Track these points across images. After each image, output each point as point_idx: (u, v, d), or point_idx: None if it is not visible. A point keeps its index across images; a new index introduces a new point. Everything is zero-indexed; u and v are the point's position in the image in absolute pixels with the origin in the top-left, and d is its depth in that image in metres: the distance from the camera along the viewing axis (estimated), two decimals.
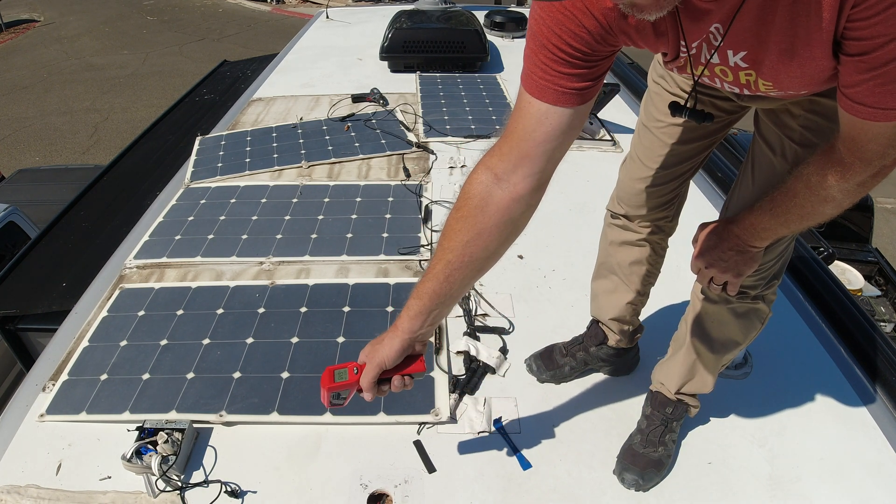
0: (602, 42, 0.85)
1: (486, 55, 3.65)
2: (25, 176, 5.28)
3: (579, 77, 0.86)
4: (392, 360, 1.03)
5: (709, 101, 1.13)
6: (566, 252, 2.04)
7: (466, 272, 0.98)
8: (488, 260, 0.99)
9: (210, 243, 2.04)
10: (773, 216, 0.96)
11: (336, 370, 1.06)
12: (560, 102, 0.87)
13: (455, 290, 1.00)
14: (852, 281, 3.73)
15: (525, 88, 0.90)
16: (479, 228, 0.95)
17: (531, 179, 0.93)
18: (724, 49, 0.83)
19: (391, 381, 1.06)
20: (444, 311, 1.04)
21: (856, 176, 0.82)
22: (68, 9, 14.82)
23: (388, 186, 2.38)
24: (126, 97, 9.46)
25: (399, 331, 1.02)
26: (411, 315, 1.01)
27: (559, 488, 1.30)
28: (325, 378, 1.06)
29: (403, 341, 1.02)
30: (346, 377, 1.05)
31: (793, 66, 0.79)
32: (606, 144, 2.74)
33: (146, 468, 1.27)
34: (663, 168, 1.24)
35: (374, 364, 1.03)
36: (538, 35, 0.85)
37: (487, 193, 0.94)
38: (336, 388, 1.05)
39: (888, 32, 0.65)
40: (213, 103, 3.73)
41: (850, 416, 1.48)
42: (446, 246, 0.97)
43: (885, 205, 6.46)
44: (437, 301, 0.99)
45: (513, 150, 0.92)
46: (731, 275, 1.08)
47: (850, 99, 0.75)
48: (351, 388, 1.06)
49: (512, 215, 0.95)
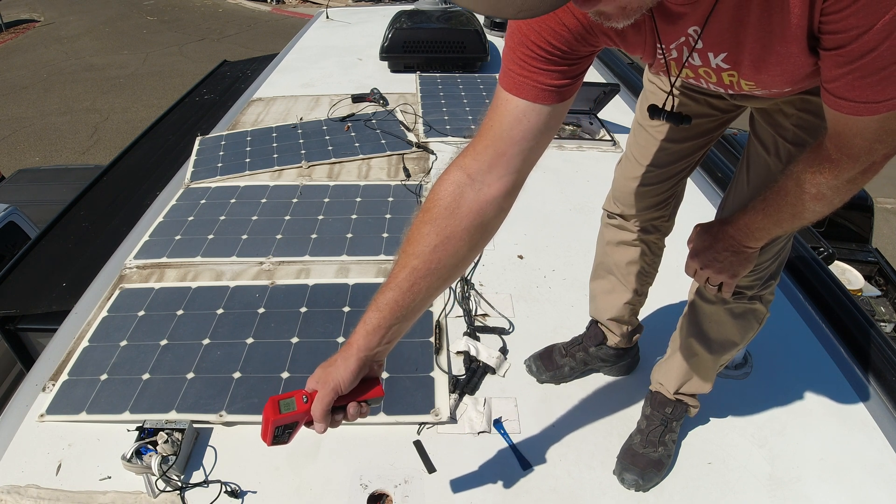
0: (582, 41, 0.84)
1: (486, 55, 3.65)
2: (25, 176, 5.28)
3: (559, 74, 0.85)
4: (348, 384, 0.91)
5: (703, 99, 1.13)
6: (566, 252, 2.04)
7: (432, 280, 0.90)
8: (456, 268, 0.92)
9: (210, 243, 2.04)
10: (766, 215, 0.96)
11: (281, 400, 0.91)
12: (539, 99, 0.85)
13: (418, 302, 0.91)
14: (852, 281, 3.74)
15: (503, 86, 0.88)
16: (448, 232, 0.89)
17: (506, 180, 0.89)
18: (705, 51, 0.83)
19: (346, 409, 0.94)
20: (404, 328, 0.94)
21: (844, 173, 0.82)
22: (68, 9, 14.82)
23: (388, 186, 2.38)
24: (126, 97, 9.46)
25: (354, 349, 0.91)
26: (369, 330, 0.91)
27: (559, 488, 1.30)
28: (268, 409, 0.91)
29: (360, 360, 0.91)
30: (293, 407, 0.90)
31: (771, 65, 0.79)
32: (606, 144, 2.74)
33: (146, 468, 1.27)
34: (658, 167, 1.24)
35: (329, 389, 0.90)
36: (518, 32, 0.85)
37: (459, 194, 0.90)
38: (283, 421, 0.90)
39: (861, 24, 0.64)
40: (213, 103, 3.73)
41: (849, 416, 1.48)
42: (410, 252, 0.90)
43: (885, 205, 6.46)
44: (398, 313, 0.90)
45: (488, 149, 0.89)
46: (726, 275, 1.08)
47: (832, 94, 0.74)
48: (300, 418, 0.92)
49: (483, 219, 0.90)
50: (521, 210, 2.25)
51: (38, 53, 11.72)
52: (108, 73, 10.56)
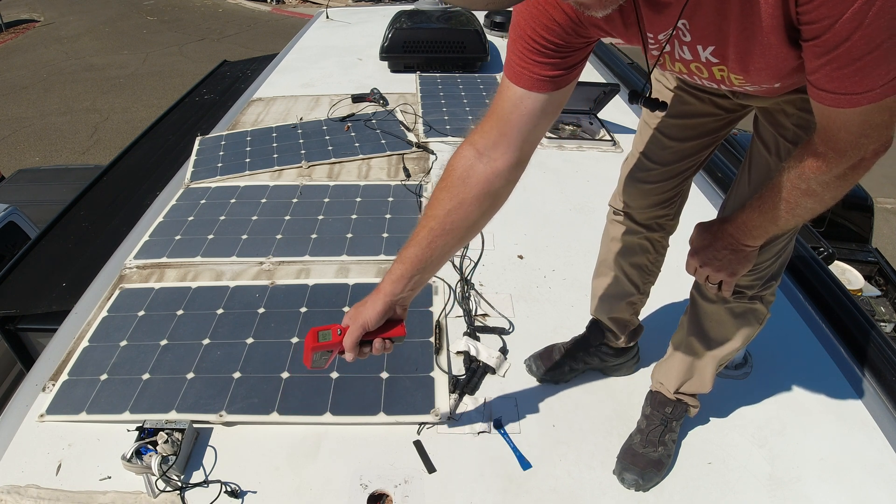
0: (574, 34, 0.89)
1: (486, 55, 3.65)
2: (25, 176, 5.28)
3: (553, 66, 0.91)
4: (375, 321, 1.06)
5: (708, 98, 1.14)
6: (566, 252, 2.04)
7: (448, 239, 1.03)
8: (469, 230, 1.04)
9: (210, 243, 2.04)
10: (762, 213, 0.97)
11: (320, 331, 1.07)
12: (534, 88, 0.93)
13: (436, 257, 1.04)
14: (852, 281, 3.73)
15: (505, 74, 0.97)
16: (461, 198, 1.00)
17: (509, 155, 0.99)
18: (694, 45, 0.85)
19: (372, 343, 1.09)
20: (425, 278, 1.07)
21: (833, 168, 0.83)
22: (68, 9, 14.82)
23: (388, 186, 2.38)
24: (126, 97, 9.46)
25: (381, 293, 1.05)
26: (393, 278, 1.04)
27: (559, 488, 1.30)
28: (308, 338, 1.07)
29: (386, 303, 1.05)
30: (329, 338, 1.07)
31: (755, 57, 0.80)
32: (606, 144, 2.74)
33: (146, 468, 1.27)
34: (664, 165, 1.25)
35: (358, 325, 1.05)
36: (516, 26, 0.92)
37: (470, 167, 1.00)
38: (320, 348, 1.07)
39: (832, 13, 0.66)
40: (213, 103, 3.73)
41: (849, 416, 1.48)
42: (430, 214, 1.03)
43: (885, 205, 6.46)
44: (418, 266, 1.04)
45: (493, 129, 0.98)
46: (725, 274, 1.08)
47: (814, 86, 0.75)
48: (334, 347, 1.07)
49: (492, 188, 1.00)
50: (520, 210, 2.26)
51: (38, 53, 11.71)
52: (108, 73, 10.56)
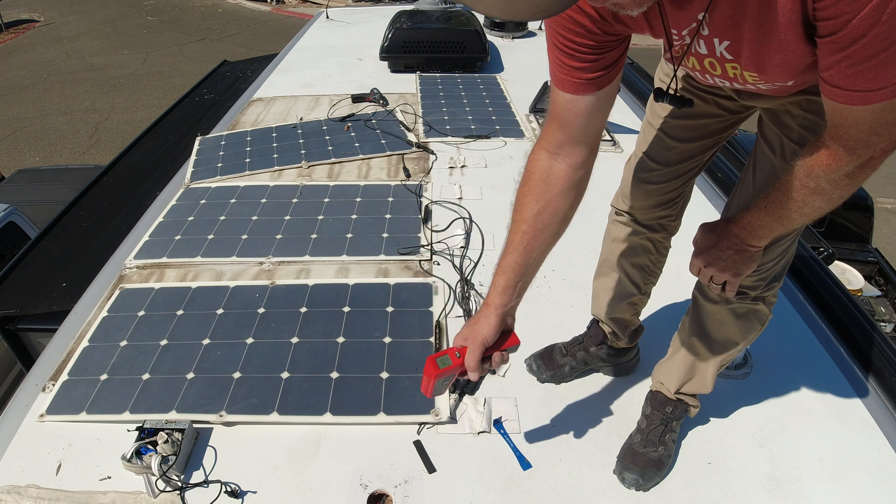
0: (601, 33, 0.90)
1: (486, 55, 3.65)
2: (25, 176, 5.28)
3: (589, 69, 0.94)
4: (493, 336, 1.07)
5: (712, 99, 1.14)
6: (566, 252, 2.04)
7: (543, 238, 1.06)
8: (561, 224, 1.08)
9: (210, 243, 2.04)
10: (768, 212, 0.96)
11: (437, 358, 1.07)
12: (579, 92, 0.97)
13: (535, 258, 1.07)
14: (852, 281, 3.74)
15: (552, 82, 1.01)
16: (547, 197, 1.05)
17: (580, 148, 1.03)
18: (711, 38, 0.85)
19: (491, 358, 1.09)
20: (528, 281, 1.10)
21: (843, 166, 0.83)
22: (68, 9, 14.82)
23: (388, 186, 2.38)
24: (126, 97, 9.46)
25: (492, 307, 1.07)
26: (499, 290, 1.07)
27: (559, 488, 1.30)
28: (428, 367, 1.07)
29: (499, 316, 1.07)
30: (449, 362, 1.06)
31: (770, 53, 0.80)
32: (606, 144, 2.74)
33: (146, 468, 1.27)
34: (667, 165, 1.25)
35: (478, 343, 1.06)
36: (550, 36, 0.95)
37: (548, 167, 1.05)
38: (443, 374, 1.06)
39: (850, 10, 0.66)
40: (213, 103, 3.73)
41: (849, 416, 1.48)
42: (519, 219, 1.07)
43: (885, 205, 6.46)
44: (520, 272, 1.06)
45: (557, 131, 1.03)
46: (729, 274, 1.08)
47: (828, 83, 0.75)
48: (456, 370, 1.07)
49: (573, 180, 1.05)
50: None
51: (38, 53, 11.71)
52: (108, 73, 10.56)
